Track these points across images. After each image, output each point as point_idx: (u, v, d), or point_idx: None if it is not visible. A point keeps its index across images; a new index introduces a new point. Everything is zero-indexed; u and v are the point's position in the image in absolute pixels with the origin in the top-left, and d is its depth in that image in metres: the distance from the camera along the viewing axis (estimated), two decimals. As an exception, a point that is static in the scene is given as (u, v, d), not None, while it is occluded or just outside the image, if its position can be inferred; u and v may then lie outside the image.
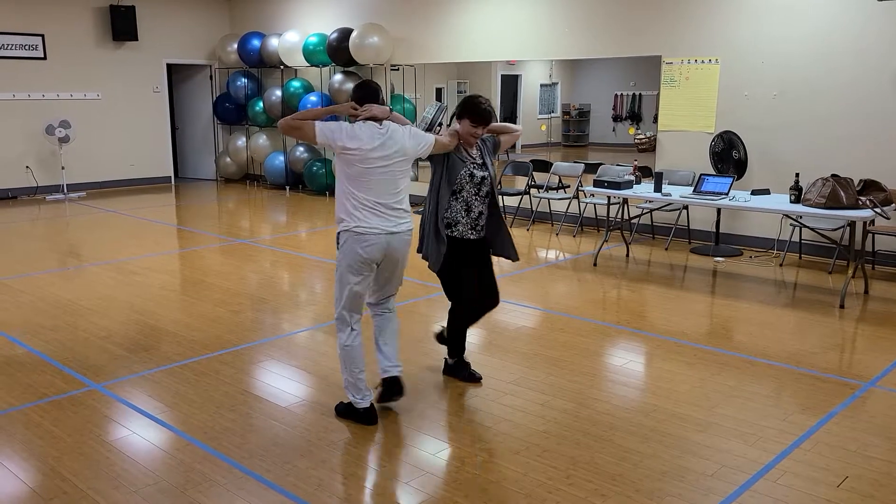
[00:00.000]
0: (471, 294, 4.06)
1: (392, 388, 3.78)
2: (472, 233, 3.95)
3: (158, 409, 3.86)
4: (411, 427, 3.68)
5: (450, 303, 4.15)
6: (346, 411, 3.74)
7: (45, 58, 11.17)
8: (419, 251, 3.96)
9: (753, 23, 7.40)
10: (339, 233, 3.58)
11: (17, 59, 10.92)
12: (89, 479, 3.16)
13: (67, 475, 3.19)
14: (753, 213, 7.45)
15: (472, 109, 3.79)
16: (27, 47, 10.99)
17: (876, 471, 3.24)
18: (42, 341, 4.89)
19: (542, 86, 18.40)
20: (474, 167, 3.90)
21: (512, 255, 4.11)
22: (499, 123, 4.03)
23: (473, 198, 3.90)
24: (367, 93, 3.61)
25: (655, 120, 8.41)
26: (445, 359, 4.29)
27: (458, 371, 4.24)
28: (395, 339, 3.85)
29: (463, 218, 3.90)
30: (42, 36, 11.11)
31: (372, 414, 3.68)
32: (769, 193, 6.51)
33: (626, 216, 7.68)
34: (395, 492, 3.09)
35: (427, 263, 3.94)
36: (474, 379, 4.19)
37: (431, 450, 3.45)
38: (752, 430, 3.60)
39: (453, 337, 4.20)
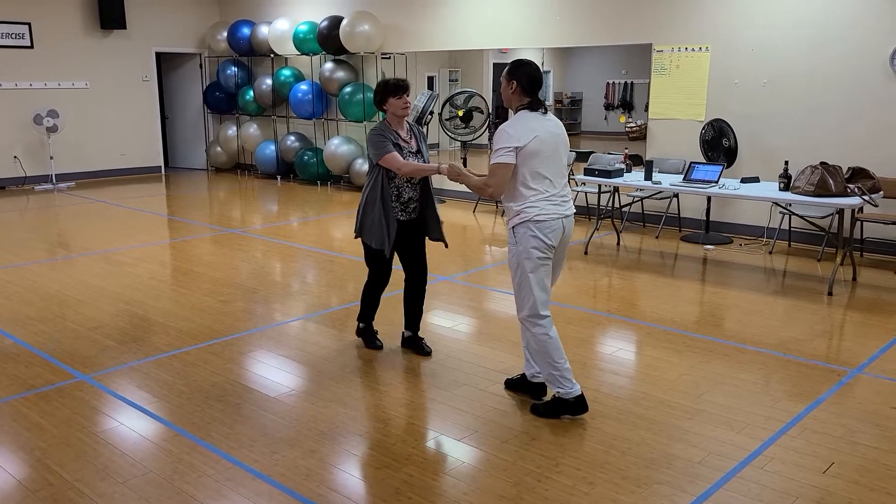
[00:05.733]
0: (400, 272, 4.42)
1: (537, 391, 3.84)
2: (402, 214, 4.21)
3: (147, 399, 3.85)
4: (399, 416, 3.68)
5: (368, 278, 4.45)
6: (553, 408, 3.64)
7: (31, 46, 11.06)
8: (356, 235, 4.29)
9: (743, 11, 7.38)
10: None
11: (4, 47, 10.81)
12: (76, 470, 3.15)
13: (54, 467, 3.18)
14: (743, 201, 7.46)
15: (388, 88, 4.10)
16: (14, 36, 10.88)
17: (862, 457, 3.26)
18: (30, 332, 4.87)
19: (533, 74, 18.21)
20: (409, 156, 4.15)
21: (440, 238, 4.36)
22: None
23: (405, 184, 4.17)
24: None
25: (646, 108, 8.40)
26: (358, 324, 4.63)
27: (369, 335, 4.58)
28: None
29: (394, 202, 4.16)
30: (29, 24, 11.00)
31: (584, 401, 3.62)
32: (758, 181, 6.52)
33: (616, 204, 7.68)
34: (384, 480, 3.09)
35: (365, 245, 4.27)
36: (376, 346, 4.52)
37: (420, 439, 3.45)
38: (739, 417, 3.62)
39: (366, 303, 4.50)
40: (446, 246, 4.44)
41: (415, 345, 4.49)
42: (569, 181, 8.55)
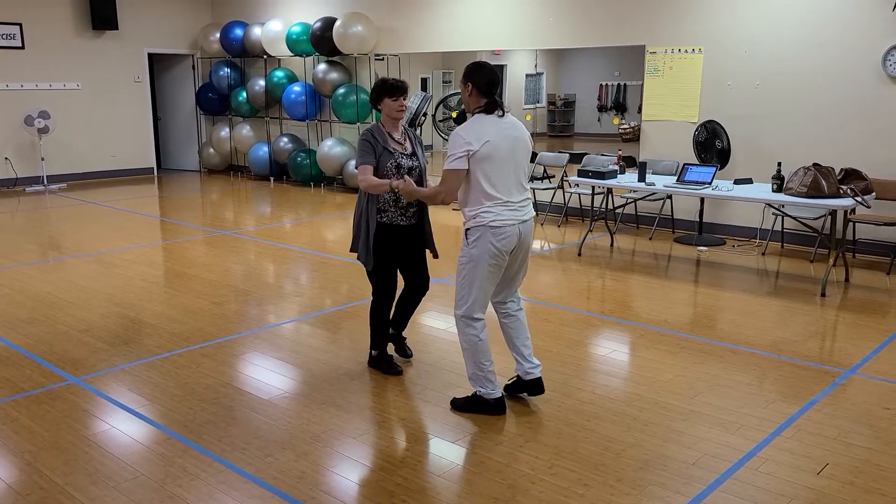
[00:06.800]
0: (402, 285, 4.23)
1: (535, 388, 3.82)
2: (401, 219, 4.01)
3: (138, 402, 3.82)
4: (393, 418, 3.66)
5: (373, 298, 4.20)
6: (470, 404, 3.71)
7: (23, 47, 11.01)
8: (352, 250, 4.12)
9: (736, 12, 7.40)
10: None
11: (-5, 48, 10.77)
12: (67, 474, 3.13)
13: (45, 470, 3.15)
14: (736, 203, 7.48)
15: (386, 88, 3.96)
16: (5, 36, 10.82)
17: (855, 457, 3.26)
18: (20, 335, 4.83)
19: (527, 76, 18.34)
20: (402, 157, 3.98)
21: (432, 250, 4.21)
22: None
23: None
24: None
25: (640, 110, 8.41)
26: (370, 352, 4.31)
27: (384, 362, 4.24)
28: (529, 339, 3.85)
29: (391, 207, 3.98)
30: (20, 25, 10.94)
31: (503, 404, 3.68)
32: (752, 183, 6.53)
33: (610, 206, 7.69)
34: (377, 483, 3.08)
35: (362, 262, 4.07)
36: (396, 372, 4.19)
37: (413, 441, 3.44)
38: (733, 419, 3.62)
39: (377, 327, 4.20)
40: (435, 256, 4.26)
41: (398, 343, 4.40)
42: (562, 182, 8.61)
